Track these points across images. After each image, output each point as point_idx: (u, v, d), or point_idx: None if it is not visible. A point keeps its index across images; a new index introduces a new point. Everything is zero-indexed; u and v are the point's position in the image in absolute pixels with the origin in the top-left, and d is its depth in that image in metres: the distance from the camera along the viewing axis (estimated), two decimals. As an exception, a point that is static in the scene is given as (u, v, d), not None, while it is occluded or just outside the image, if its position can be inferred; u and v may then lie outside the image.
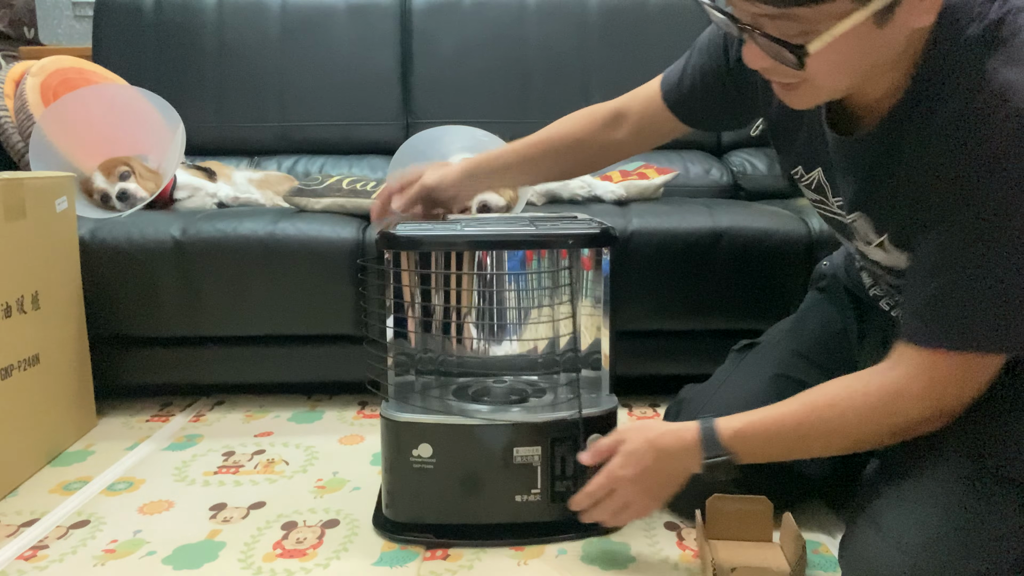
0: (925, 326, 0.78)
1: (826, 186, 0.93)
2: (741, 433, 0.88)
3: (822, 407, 0.84)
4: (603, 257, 1.06)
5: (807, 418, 0.85)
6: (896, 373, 0.81)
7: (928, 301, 0.77)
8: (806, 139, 0.91)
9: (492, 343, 1.15)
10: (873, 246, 0.89)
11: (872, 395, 0.82)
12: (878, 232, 0.87)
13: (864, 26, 0.66)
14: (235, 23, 2.15)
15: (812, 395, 0.86)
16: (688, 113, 1.05)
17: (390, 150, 1.86)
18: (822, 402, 0.85)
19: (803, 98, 0.77)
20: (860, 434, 0.84)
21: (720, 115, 1.04)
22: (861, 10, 0.65)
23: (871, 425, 0.82)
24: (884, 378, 0.82)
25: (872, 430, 0.83)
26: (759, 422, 0.88)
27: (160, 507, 1.18)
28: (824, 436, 0.85)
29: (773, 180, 2.08)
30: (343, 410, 1.58)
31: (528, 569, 1.00)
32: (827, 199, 0.94)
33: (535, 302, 1.12)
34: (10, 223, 1.23)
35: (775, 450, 0.89)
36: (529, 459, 1.03)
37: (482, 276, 1.12)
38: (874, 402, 0.81)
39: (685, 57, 1.03)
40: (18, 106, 1.78)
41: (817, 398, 0.86)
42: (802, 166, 0.95)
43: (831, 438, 0.85)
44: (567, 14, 2.18)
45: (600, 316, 1.09)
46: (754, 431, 0.88)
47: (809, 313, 1.17)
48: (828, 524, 1.11)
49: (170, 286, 1.46)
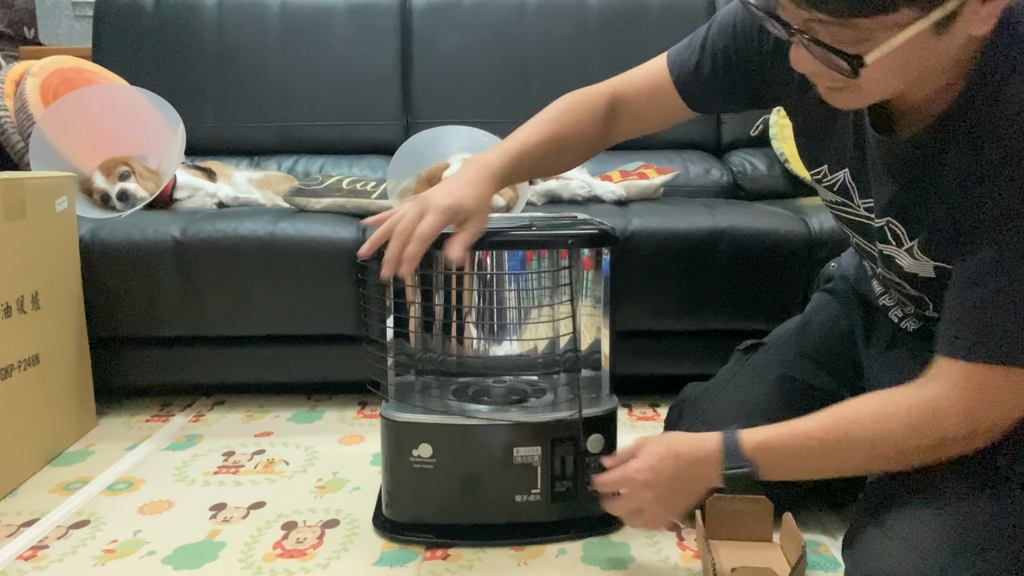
0: (966, 338, 0.74)
1: (852, 188, 0.90)
2: (765, 445, 0.84)
3: (849, 423, 0.81)
4: (603, 257, 1.06)
5: (833, 434, 0.81)
6: (932, 388, 0.77)
7: (971, 312, 0.74)
8: (839, 137, 0.88)
9: (492, 343, 1.15)
10: (903, 250, 0.86)
11: (905, 412, 0.78)
12: (909, 237, 0.84)
13: (923, 35, 0.64)
14: (235, 23, 2.15)
15: (841, 410, 0.82)
16: (701, 98, 0.99)
17: (390, 150, 1.86)
18: (850, 417, 0.81)
19: (849, 100, 0.74)
20: (890, 454, 0.79)
21: (736, 101, 0.99)
22: (922, 19, 0.63)
23: (902, 444, 0.78)
24: (920, 394, 0.78)
25: (903, 449, 0.79)
26: (786, 435, 0.84)
27: (160, 507, 1.18)
28: (850, 454, 0.81)
29: (773, 180, 2.09)
30: (343, 410, 1.58)
31: (528, 569, 1.00)
32: (851, 201, 0.91)
33: (535, 302, 1.12)
34: (10, 223, 1.23)
35: (799, 465, 0.85)
36: (529, 459, 1.03)
37: (482, 276, 1.11)
38: (907, 419, 0.78)
39: (700, 39, 0.97)
40: (18, 106, 1.78)
41: (846, 413, 0.82)
42: (827, 166, 0.92)
43: (858, 456, 0.81)
44: (567, 14, 2.18)
45: (600, 316, 1.09)
46: (780, 444, 0.84)
47: (816, 314, 1.16)
48: (828, 524, 1.11)
49: (170, 286, 1.46)
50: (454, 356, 1.16)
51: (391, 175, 1.70)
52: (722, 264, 1.47)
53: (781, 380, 1.09)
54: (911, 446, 0.78)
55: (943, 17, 0.63)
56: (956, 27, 0.64)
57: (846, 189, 0.91)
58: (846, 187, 0.91)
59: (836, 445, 0.81)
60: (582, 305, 1.12)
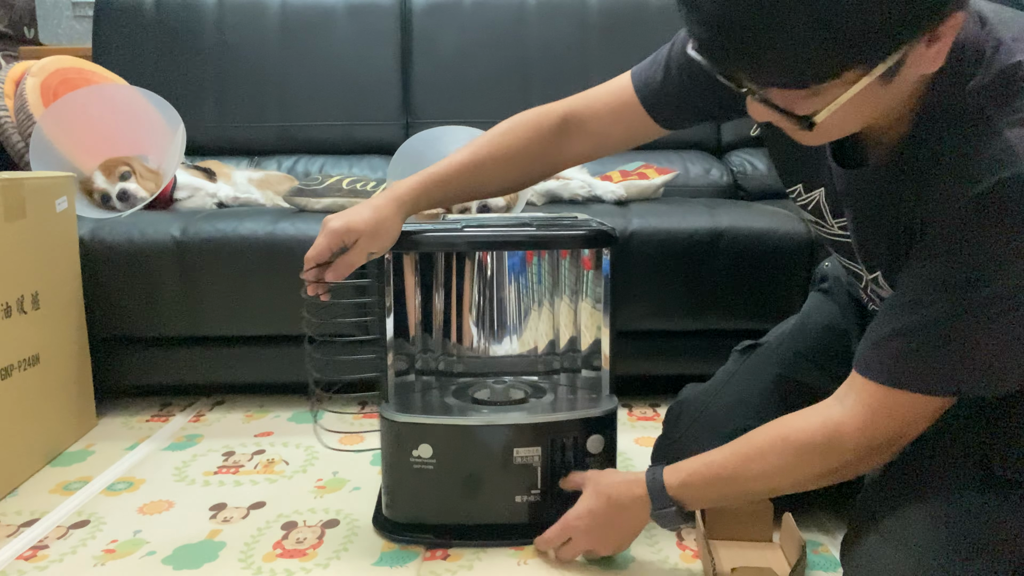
0: (891, 363, 0.76)
1: (824, 208, 0.90)
2: (687, 483, 0.89)
3: (755, 453, 0.85)
4: (603, 257, 1.06)
5: (740, 466, 0.86)
6: (836, 411, 0.80)
7: (899, 337, 0.75)
8: (813, 158, 0.89)
9: (492, 343, 1.15)
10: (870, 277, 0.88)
11: (808, 435, 0.81)
12: (869, 270, 0.86)
13: (871, 87, 0.65)
14: (235, 23, 2.15)
15: (747, 441, 0.86)
16: (670, 116, 0.98)
17: (390, 150, 1.86)
18: (755, 448, 0.85)
19: (810, 139, 0.75)
20: (791, 480, 0.84)
21: (707, 115, 0.98)
22: (868, 76, 0.64)
23: (806, 467, 0.82)
24: (826, 413, 0.81)
25: (807, 472, 0.82)
26: (703, 469, 0.89)
27: (160, 507, 1.18)
28: (759, 482, 0.85)
29: (773, 180, 2.08)
30: (343, 410, 1.58)
31: (528, 569, 1.00)
32: (824, 221, 0.92)
33: (534, 302, 1.12)
34: (10, 223, 1.23)
35: (719, 496, 0.91)
36: (529, 459, 1.03)
37: (482, 276, 1.11)
38: (808, 442, 0.81)
39: (664, 56, 0.96)
40: (18, 106, 1.78)
41: (751, 443, 0.86)
42: (802, 185, 0.92)
43: (767, 484, 0.85)
44: (567, 14, 2.18)
45: (600, 316, 1.09)
46: (698, 480, 0.89)
47: (812, 314, 1.16)
48: (828, 524, 1.11)
49: (170, 286, 1.46)
50: (454, 356, 1.16)
51: (391, 175, 1.70)
52: (722, 264, 1.47)
53: (779, 380, 1.09)
54: (818, 467, 0.82)
55: (888, 69, 0.64)
56: (904, 72, 0.65)
57: (819, 209, 0.91)
58: (819, 207, 0.91)
59: (745, 475, 0.85)
60: (582, 305, 1.12)
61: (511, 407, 1.08)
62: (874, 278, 0.87)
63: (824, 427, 0.80)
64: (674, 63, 0.95)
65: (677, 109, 0.97)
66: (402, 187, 1.00)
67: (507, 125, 1.03)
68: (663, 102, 0.97)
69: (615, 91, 1.00)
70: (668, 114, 0.98)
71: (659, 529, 1.09)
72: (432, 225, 1.07)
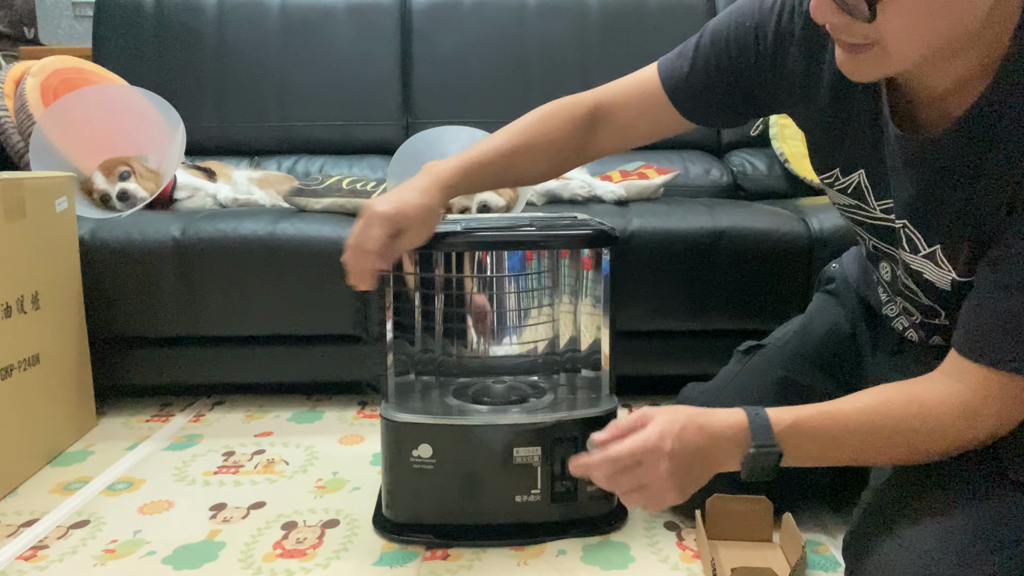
0: (997, 346, 0.73)
1: (867, 190, 0.87)
2: (796, 428, 0.78)
3: (882, 413, 0.77)
4: (603, 257, 1.06)
5: (865, 422, 0.77)
6: (961, 389, 0.75)
7: (1003, 319, 0.72)
8: (853, 138, 0.86)
9: (491, 343, 1.15)
10: (919, 257, 0.84)
11: (939, 408, 0.76)
12: (927, 243, 0.81)
13: None
14: (235, 23, 2.15)
15: (871, 398, 0.79)
16: (696, 108, 0.96)
17: (390, 150, 1.87)
18: (882, 407, 0.78)
19: (869, 65, 0.70)
20: (927, 447, 0.78)
21: (733, 110, 0.96)
22: None
23: (942, 440, 0.77)
24: (950, 393, 0.76)
25: (942, 446, 0.77)
26: (819, 416, 0.79)
27: (160, 507, 1.18)
28: (879, 443, 0.78)
29: (773, 180, 2.09)
30: (343, 410, 1.58)
31: (528, 569, 1.00)
32: (866, 204, 0.88)
33: (535, 302, 1.12)
34: (10, 223, 1.23)
35: (823, 452, 0.80)
36: (529, 459, 1.04)
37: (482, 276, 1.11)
38: (947, 417, 0.76)
39: (692, 48, 0.94)
40: (18, 106, 1.78)
41: (878, 401, 0.78)
42: (839, 168, 0.89)
43: (885, 446, 0.78)
44: (567, 14, 2.18)
45: (600, 316, 1.09)
46: (813, 427, 0.78)
47: (817, 316, 1.14)
48: (828, 524, 1.11)
49: (170, 286, 1.46)
50: (454, 356, 1.16)
51: (391, 175, 1.70)
52: (722, 264, 1.47)
53: (781, 382, 1.08)
54: (953, 442, 0.77)
55: None
56: None
57: (860, 191, 0.88)
58: (861, 189, 0.88)
59: (866, 433, 0.77)
60: (582, 305, 1.12)
61: (511, 407, 1.08)
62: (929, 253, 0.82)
63: (961, 406, 0.75)
64: (701, 55, 0.94)
65: (702, 101, 0.96)
66: (444, 171, 0.96)
67: (541, 113, 1.01)
68: (688, 94, 0.96)
69: (642, 82, 0.98)
70: (692, 106, 0.96)
71: (659, 529, 1.10)
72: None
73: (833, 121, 0.87)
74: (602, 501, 1.08)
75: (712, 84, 0.94)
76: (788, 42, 0.87)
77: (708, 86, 0.94)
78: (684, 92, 0.96)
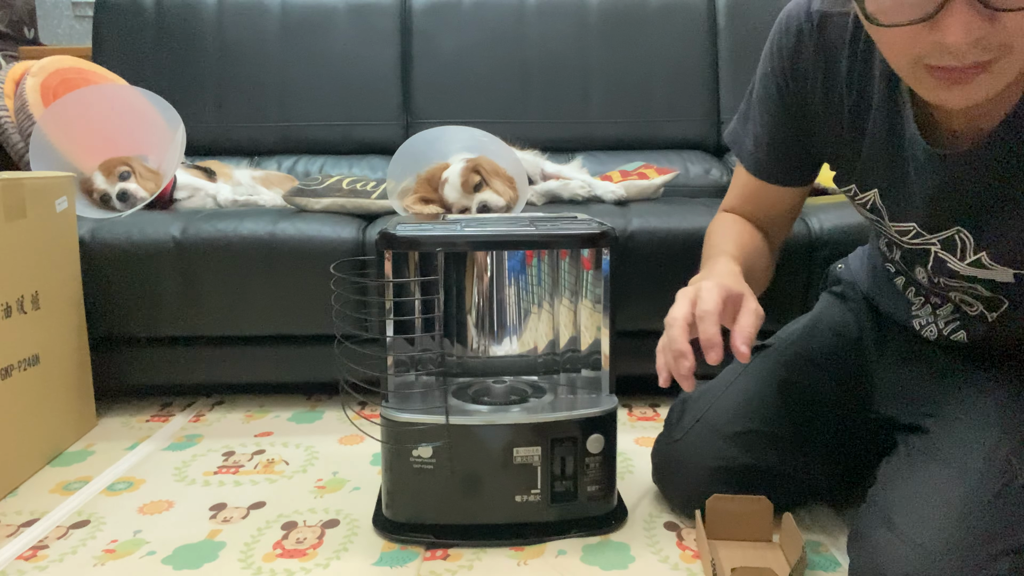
0: None
1: (882, 209, 0.88)
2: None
3: None
4: (603, 257, 1.06)
5: None
6: None
7: None
8: (868, 158, 0.86)
9: (492, 343, 1.15)
10: (966, 263, 0.84)
11: None
12: (977, 248, 0.82)
13: None
14: (235, 23, 2.15)
15: None
16: (781, 170, 0.99)
17: (390, 150, 1.86)
18: None
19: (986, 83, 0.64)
20: None
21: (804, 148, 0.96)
22: None
23: None
24: None
25: None
26: None
27: (160, 507, 1.18)
28: None
29: (773, 180, 2.08)
30: (343, 410, 1.58)
31: (528, 569, 1.00)
32: (883, 221, 0.90)
33: (534, 302, 1.12)
34: (10, 223, 1.24)
35: None
36: (529, 459, 1.03)
37: (482, 276, 1.11)
38: None
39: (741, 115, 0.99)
40: (18, 106, 1.78)
41: None
42: (856, 185, 0.90)
43: None
44: (567, 14, 2.18)
45: (600, 316, 1.09)
46: None
47: (823, 318, 1.14)
48: (828, 524, 1.11)
49: (170, 286, 1.46)
50: (453, 356, 1.16)
51: (391, 175, 1.70)
52: (722, 264, 1.47)
53: (785, 383, 1.07)
54: None
55: None
56: None
57: (876, 209, 0.90)
58: (876, 208, 0.89)
59: None
60: (582, 305, 1.12)
61: (511, 407, 1.08)
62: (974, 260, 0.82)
63: None
64: (753, 111, 0.96)
65: (776, 158, 0.98)
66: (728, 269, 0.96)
67: (748, 238, 1.03)
68: (764, 162, 0.98)
69: (743, 187, 1.04)
70: (776, 170, 0.99)
71: (659, 529, 1.09)
72: (432, 225, 1.07)
73: (851, 140, 0.88)
74: (602, 501, 1.08)
75: (771, 132, 0.95)
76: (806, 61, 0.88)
77: (771, 137, 0.96)
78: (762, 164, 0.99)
